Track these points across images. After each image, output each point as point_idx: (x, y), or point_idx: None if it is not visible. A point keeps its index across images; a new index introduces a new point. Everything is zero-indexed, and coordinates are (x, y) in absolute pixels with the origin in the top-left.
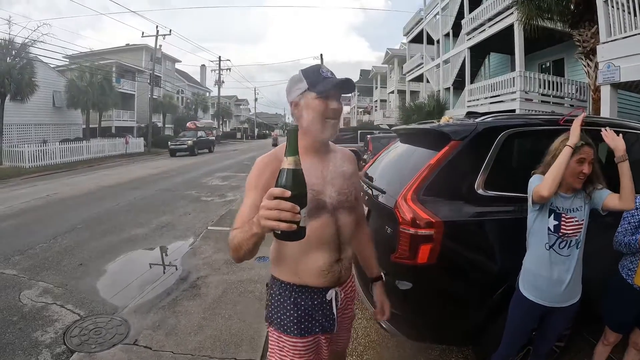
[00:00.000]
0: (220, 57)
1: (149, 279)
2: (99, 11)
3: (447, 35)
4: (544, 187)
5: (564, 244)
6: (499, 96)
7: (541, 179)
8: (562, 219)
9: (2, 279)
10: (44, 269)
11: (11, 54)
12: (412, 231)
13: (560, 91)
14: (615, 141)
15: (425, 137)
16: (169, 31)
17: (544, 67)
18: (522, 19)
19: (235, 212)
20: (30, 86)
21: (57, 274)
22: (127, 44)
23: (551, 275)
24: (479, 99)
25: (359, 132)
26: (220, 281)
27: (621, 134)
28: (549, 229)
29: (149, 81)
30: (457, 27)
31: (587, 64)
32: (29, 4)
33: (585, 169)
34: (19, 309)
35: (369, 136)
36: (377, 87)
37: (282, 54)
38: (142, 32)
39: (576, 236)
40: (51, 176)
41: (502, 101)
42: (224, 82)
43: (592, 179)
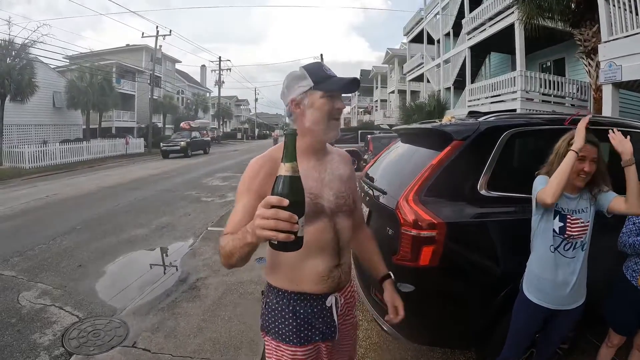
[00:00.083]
0: (220, 57)
1: (149, 280)
2: (99, 12)
3: (448, 34)
4: (548, 193)
5: (569, 246)
6: (499, 96)
7: (545, 180)
8: (568, 221)
9: (1, 280)
10: (43, 270)
11: (11, 55)
12: (414, 233)
13: (561, 91)
14: (622, 144)
15: (426, 137)
16: (169, 31)
17: (544, 66)
18: (523, 19)
19: None
20: (30, 87)
21: (56, 275)
22: (127, 45)
23: (556, 277)
24: (479, 99)
25: (360, 132)
26: (220, 283)
27: (629, 136)
28: (554, 231)
29: (149, 82)
30: (457, 27)
31: (589, 63)
32: (30, 5)
33: (586, 167)
34: (18, 310)
35: (370, 136)
36: (377, 87)
37: (282, 54)
38: (142, 33)
39: (581, 238)
40: (51, 177)
41: (502, 101)
42: (224, 82)
43: (597, 180)
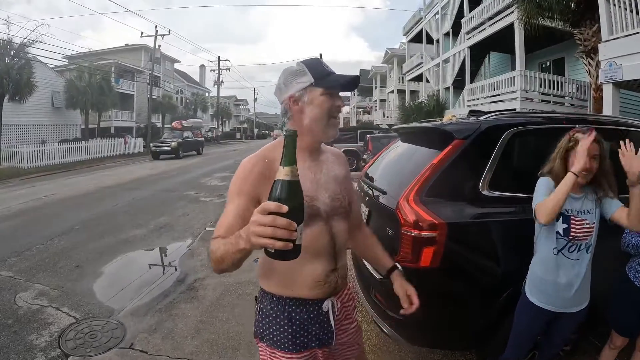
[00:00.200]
0: (219, 57)
1: (146, 281)
2: (97, 11)
3: (447, 34)
4: (542, 214)
5: (573, 248)
6: (499, 95)
7: (547, 185)
8: (572, 222)
9: None
10: (40, 271)
11: (10, 54)
12: (414, 233)
13: (560, 90)
14: (631, 162)
15: (427, 136)
16: (168, 31)
17: (544, 66)
18: (523, 18)
19: None
20: (28, 86)
21: (54, 275)
22: (126, 44)
23: (559, 280)
24: (479, 99)
25: (359, 132)
26: (218, 283)
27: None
28: (557, 233)
29: (148, 81)
30: (457, 27)
31: (588, 63)
32: (29, 5)
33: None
34: (14, 311)
35: (369, 136)
36: (376, 87)
37: (281, 54)
38: (141, 32)
39: (586, 240)
40: (50, 177)
41: (502, 100)
42: (223, 82)
43: (601, 180)
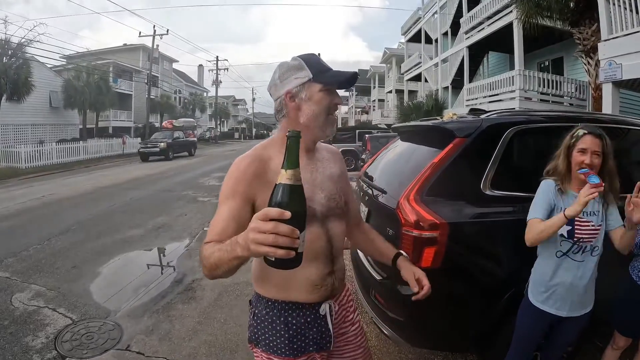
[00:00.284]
0: (217, 57)
1: (144, 281)
2: (95, 10)
3: (446, 34)
4: (529, 234)
5: (577, 250)
6: (497, 95)
7: (548, 189)
8: (577, 223)
9: None
10: (37, 272)
11: (7, 54)
12: (415, 233)
13: (559, 90)
14: (635, 211)
15: (427, 135)
16: (166, 31)
17: (542, 66)
18: (522, 17)
19: None
20: (26, 86)
21: (50, 276)
22: (125, 44)
23: (563, 282)
24: (477, 98)
25: (357, 131)
26: (215, 284)
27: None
28: (561, 236)
29: (146, 81)
30: (455, 26)
31: (588, 62)
32: (27, 4)
33: (586, 159)
34: (11, 312)
35: (367, 136)
36: (375, 87)
37: (280, 54)
38: (139, 32)
39: (591, 242)
40: (48, 177)
41: (500, 100)
42: (221, 82)
43: (604, 179)
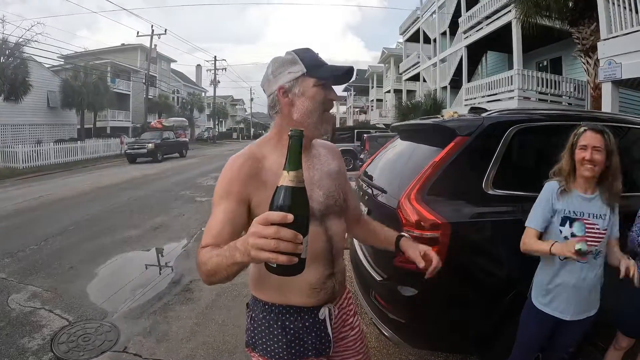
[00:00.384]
0: (215, 56)
1: (141, 282)
2: (93, 10)
3: (444, 33)
4: (522, 246)
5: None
6: (496, 94)
7: (550, 192)
8: None
9: None
10: (34, 272)
11: (5, 54)
12: (416, 233)
13: (558, 89)
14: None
15: (428, 134)
16: (164, 30)
17: (541, 65)
18: (520, 17)
19: None
20: (24, 86)
21: (47, 277)
22: (123, 44)
23: (566, 284)
24: (476, 98)
25: (356, 131)
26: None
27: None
28: (565, 239)
29: (144, 81)
30: (454, 26)
31: (587, 62)
32: (25, 4)
33: (587, 155)
34: (7, 313)
35: (366, 135)
36: (373, 87)
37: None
38: (137, 32)
39: (596, 246)
40: (45, 177)
41: (499, 100)
42: (219, 82)
43: (607, 177)
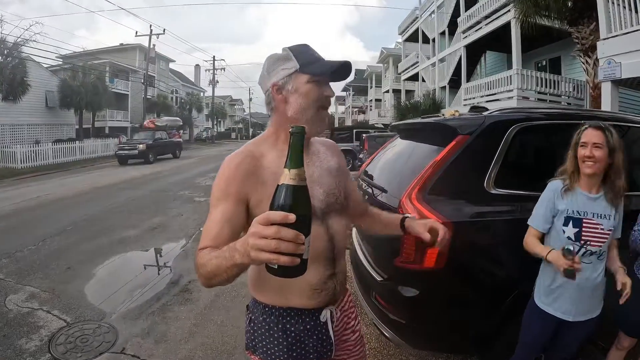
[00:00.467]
0: (214, 56)
1: (139, 283)
2: (91, 9)
3: (443, 33)
4: (525, 245)
5: (584, 252)
6: (495, 94)
7: (552, 190)
8: (584, 225)
9: None
10: (31, 273)
11: (3, 53)
12: None
13: (557, 89)
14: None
15: (428, 132)
16: (163, 30)
17: (540, 65)
18: (520, 17)
19: None
20: (22, 86)
21: (45, 277)
22: (121, 44)
23: (569, 285)
24: (475, 97)
25: (354, 131)
26: None
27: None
28: (568, 239)
29: (142, 81)
30: (453, 26)
31: (586, 61)
32: (23, 4)
33: (587, 152)
34: (4, 314)
35: (365, 135)
36: (371, 87)
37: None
38: (135, 32)
39: (600, 246)
40: (43, 177)
41: (498, 99)
42: (218, 82)
43: (610, 176)
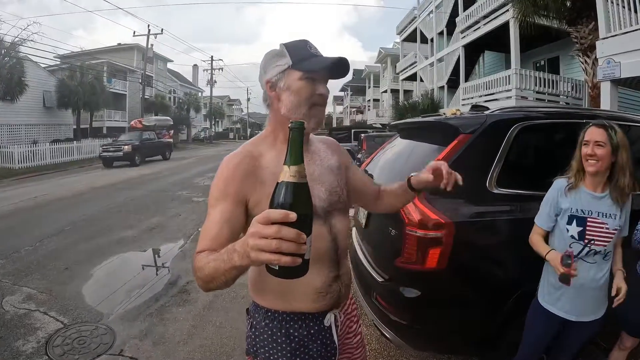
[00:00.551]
0: (212, 56)
1: (137, 283)
2: (89, 9)
3: (441, 33)
4: (530, 241)
5: (589, 252)
6: (494, 94)
7: (556, 189)
8: (589, 224)
9: None
10: (29, 274)
11: (0, 53)
12: (419, 233)
13: (555, 89)
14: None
15: (429, 131)
16: (161, 30)
17: (538, 65)
18: (518, 16)
19: None
20: (20, 86)
21: (42, 278)
22: (119, 44)
23: (573, 286)
24: (473, 97)
25: (353, 131)
26: None
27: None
28: (572, 237)
29: (140, 81)
30: (451, 25)
31: (585, 61)
32: (21, 3)
33: (589, 150)
34: (1, 316)
35: (363, 135)
36: (370, 87)
37: None
38: (133, 32)
39: (605, 246)
40: (41, 177)
41: (497, 99)
42: (216, 82)
43: (615, 175)
